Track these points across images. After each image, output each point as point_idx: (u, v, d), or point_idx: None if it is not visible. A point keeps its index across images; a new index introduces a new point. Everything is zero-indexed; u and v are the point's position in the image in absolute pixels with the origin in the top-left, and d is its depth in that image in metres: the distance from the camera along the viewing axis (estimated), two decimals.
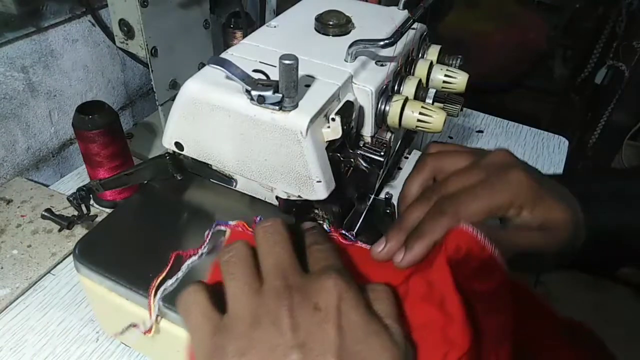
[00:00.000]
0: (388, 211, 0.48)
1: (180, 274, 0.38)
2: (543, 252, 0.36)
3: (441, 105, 0.48)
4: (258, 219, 0.40)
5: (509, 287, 0.33)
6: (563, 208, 0.36)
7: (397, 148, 0.53)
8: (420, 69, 0.52)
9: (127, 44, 0.68)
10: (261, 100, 0.36)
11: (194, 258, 0.38)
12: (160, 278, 0.38)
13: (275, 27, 0.50)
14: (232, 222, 0.40)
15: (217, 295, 0.31)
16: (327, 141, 0.40)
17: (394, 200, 0.49)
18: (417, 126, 0.45)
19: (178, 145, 0.44)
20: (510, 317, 0.32)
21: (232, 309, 0.29)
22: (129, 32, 0.66)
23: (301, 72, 0.38)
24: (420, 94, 0.48)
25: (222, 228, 0.40)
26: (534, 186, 0.35)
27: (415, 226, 0.36)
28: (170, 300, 0.38)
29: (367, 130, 0.45)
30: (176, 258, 0.39)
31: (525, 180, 0.35)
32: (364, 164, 0.44)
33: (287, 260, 0.31)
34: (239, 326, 0.28)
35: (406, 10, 0.55)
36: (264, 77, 0.38)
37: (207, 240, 0.38)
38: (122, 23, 0.66)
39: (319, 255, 0.32)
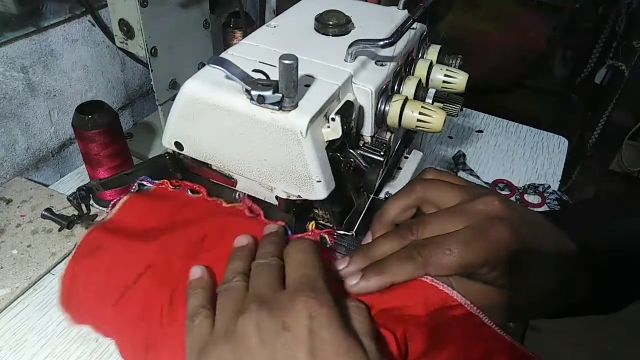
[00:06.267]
0: None
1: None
2: (498, 311, 0.34)
3: (441, 105, 0.48)
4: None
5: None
6: (543, 275, 0.34)
7: (397, 148, 0.53)
8: (420, 69, 0.52)
9: (127, 44, 0.68)
10: (261, 101, 0.36)
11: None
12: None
13: (275, 27, 0.50)
14: (157, 182, 0.44)
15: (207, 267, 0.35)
16: (327, 141, 0.40)
17: None
18: (417, 126, 0.45)
19: (178, 145, 0.44)
20: None
21: (216, 323, 0.32)
22: (129, 32, 0.66)
23: (301, 72, 0.38)
24: (420, 94, 0.48)
25: (147, 184, 0.44)
26: (515, 247, 0.32)
27: (381, 259, 0.35)
28: None
29: (367, 131, 0.45)
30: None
31: (507, 240, 0.32)
32: (364, 164, 0.44)
33: (266, 279, 0.32)
34: (215, 340, 0.30)
35: (406, 10, 0.55)
36: (264, 77, 0.38)
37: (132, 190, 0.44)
38: (122, 23, 0.66)
39: (297, 261, 0.33)
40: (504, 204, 0.34)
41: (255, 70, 0.39)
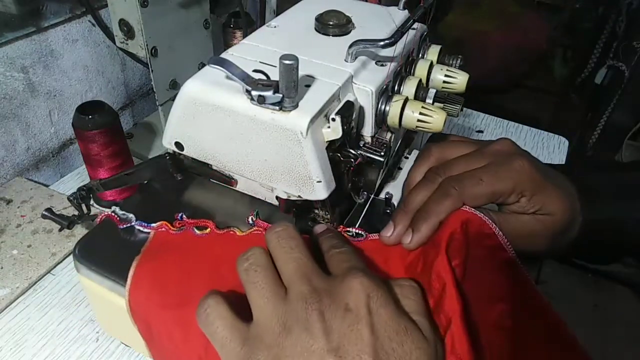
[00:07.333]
0: (388, 211, 0.48)
1: None
2: (535, 237, 0.38)
3: (441, 105, 0.48)
4: (254, 213, 0.41)
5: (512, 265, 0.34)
6: (561, 197, 0.37)
7: (397, 148, 0.53)
8: (421, 69, 0.52)
9: (127, 44, 0.68)
10: (261, 100, 0.36)
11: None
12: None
13: (275, 27, 0.50)
14: (153, 224, 0.42)
15: (233, 302, 0.30)
16: (327, 141, 0.40)
17: (394, 200, 0.49)
18: (417, 126, 0.45)
19: (178, 145, 0.44)
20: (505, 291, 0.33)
21: (259, 318, 0.29)
22: (129, 32, 0.66)
23: (301, 72, 0.38)
24: (420, 94, 0.48)
25: (145, 230, 0.43)
26: (536, 175, 0.36)
27: (420, 207, 0.37)
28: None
29: (367, 130, 0.45)
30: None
31: (528, 169, 0.36)
32: (364, 164, 0.44)
33: (307, 264, 0.30)
34: (268, 335, 0.28)
35: (406, 10, 0.55)
36: (264, 77, 0.38)
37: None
38: (122, 23, 0.66)
39: (340, 258, 0.32)
40: (516, 145, 0.40)
41: (255, 70, 0.39)
